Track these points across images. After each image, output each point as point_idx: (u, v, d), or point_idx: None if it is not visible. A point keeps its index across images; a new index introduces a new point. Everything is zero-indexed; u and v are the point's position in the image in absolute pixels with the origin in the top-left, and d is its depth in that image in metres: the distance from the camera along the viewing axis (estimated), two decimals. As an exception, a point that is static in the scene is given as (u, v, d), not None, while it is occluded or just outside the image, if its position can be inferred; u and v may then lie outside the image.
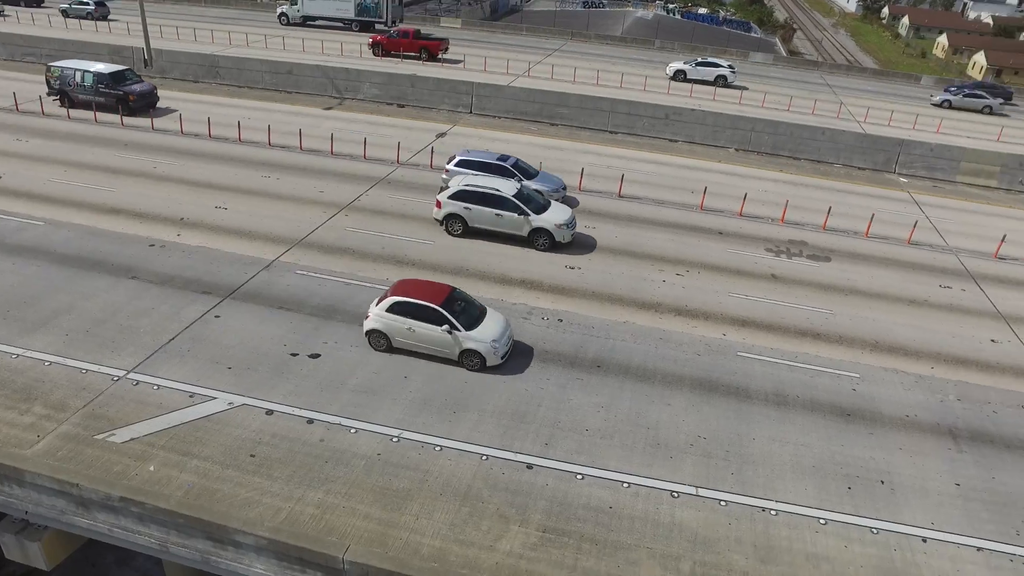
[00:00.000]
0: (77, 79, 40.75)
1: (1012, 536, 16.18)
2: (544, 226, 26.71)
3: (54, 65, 41.53)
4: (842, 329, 23.85)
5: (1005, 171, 42.32)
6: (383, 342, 20.02)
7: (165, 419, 17.00)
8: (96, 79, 40.54)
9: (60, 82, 41.05)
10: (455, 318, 19.43)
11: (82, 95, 41.00)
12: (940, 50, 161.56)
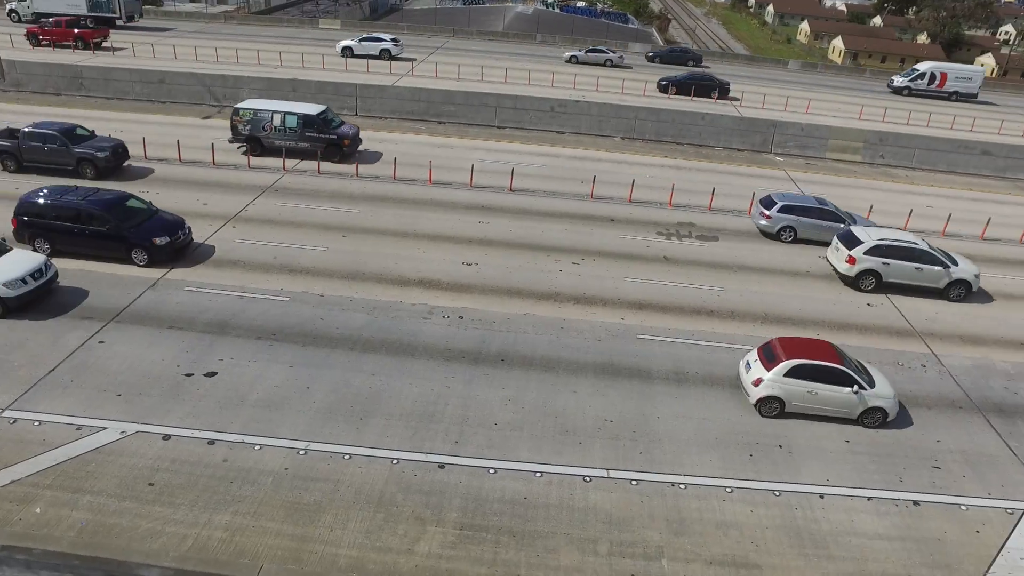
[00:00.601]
0: (275, 122, 35.73)
1: (896, 483, 17.33)
2: (964, 277, 26.76)
3: (243, 108, 36.24)
4: (733, 305, 24.87)
5: (867, 146, 45.22)
6: (776, 407, 19.05)
7: (50, 456, 15.93)
8: (302, 122, 35.66)
9: (252, 127, 35.99)
10: (858, 375, 18.97)
11: (280, 141, 35.97)
12: (803, 36, 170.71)
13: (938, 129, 55.08)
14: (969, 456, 18.68)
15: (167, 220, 25.17)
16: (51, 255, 24.13)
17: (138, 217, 24.71)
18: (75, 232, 24.25)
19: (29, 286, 21.23)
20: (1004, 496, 17.42)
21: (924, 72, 70.72)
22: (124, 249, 24.32)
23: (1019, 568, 15.38)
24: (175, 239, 24.61)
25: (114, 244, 24.31)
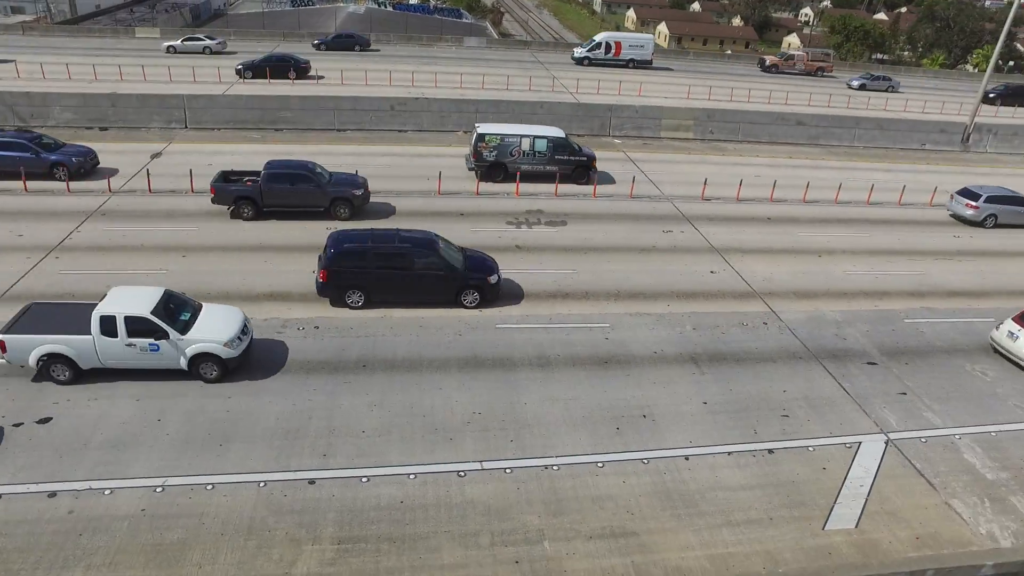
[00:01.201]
0: (524, 147, 35.03)
1: (751, 435, 18.46)
2: None
3: (490, 133, 34.99)
4: (587, 285, 25.59)
5: (697, 124, 47.83)
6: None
7: None
8: (552, 145, 35.33)
9: (497, 153, 34.84)
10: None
11: (528, 165, 35.23)
12: (631, 23, 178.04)
13: (758, 104, 59.03)
14: (811, 401, 20.18)
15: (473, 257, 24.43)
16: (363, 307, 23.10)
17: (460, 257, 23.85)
18: (403, 278, 22.78)
19: (243, 343, 19.32)
20: (843, 433, 18.96)
21: (600, 42, 73.76)
22: (455, 291, 23.17)
23: (860, 495, 16.80)
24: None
25: (447, 287, 23.02)
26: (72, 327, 18.44)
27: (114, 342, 18.33)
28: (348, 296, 22.83)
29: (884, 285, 28.09)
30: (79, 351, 18.33)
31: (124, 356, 18.54)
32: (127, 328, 18.24)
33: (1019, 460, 18.72)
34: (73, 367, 18.47)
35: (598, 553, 14.54)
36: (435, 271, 22.78)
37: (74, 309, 19.45)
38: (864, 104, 65.26)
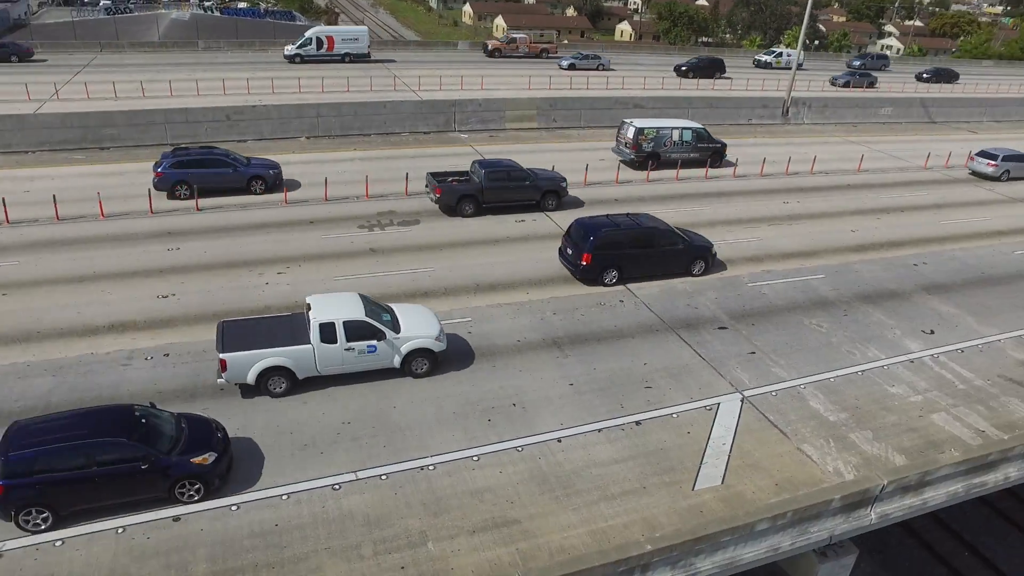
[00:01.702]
0: (674, 138, 40.81)
1: (619, 410, 19.13)
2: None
3: (648, 127, 40.50)
4: (445, 281, 25.58)
5: (540, 113, 48.85)
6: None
7: None
8: (695, 135, 41.53)
9: (654, 144, 40.34)
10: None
11: (676, 154, 40.87)
12: (468, 18, 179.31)
13: (597, 90, 61.00)
14: (671, 370, 21.15)
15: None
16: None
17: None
18: (649, 256, 26.50)
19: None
20: (702, 396, 20.02)
21: (311, 38, 70.03)
22: (688, 263, 27.28)
23: (723, 452, 17.81)
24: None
25: (682, 261, 27.04)
26: (283, 339, 18.75)
27: (333, 348, 18.84)
28: (605, 275, 25.99)
29: (727, 253, 29.81)
30: (298, 361, 18.66)
31: (344, 361, 19.12)
32: (346, 333, 18.70)
33: (854, 400, 20.47)
34: (291, 378, 18.70)
35: (483, 546, 14.61)
36: (674, 247, 26.62)
37: (266, 323, 19.85)
38: (678, 85, 68.93)
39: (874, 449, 18.43)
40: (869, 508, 16.84)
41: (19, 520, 14.33)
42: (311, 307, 19.32)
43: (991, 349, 24.18)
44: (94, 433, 14.79)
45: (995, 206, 40.49)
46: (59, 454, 14.37)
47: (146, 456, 14.80)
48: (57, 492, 14.29)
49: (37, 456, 14.27)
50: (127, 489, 14.87)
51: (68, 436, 14.60)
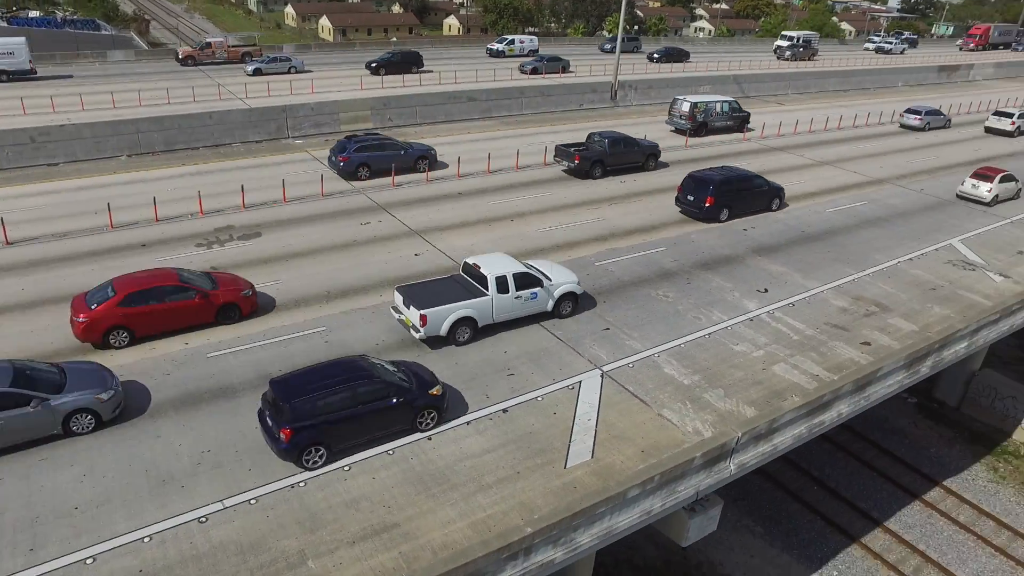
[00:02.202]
0: (717, 109, 50.69)
1: (485, 400, 19.34)
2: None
3: (700, 101, 50.24)
4: (295, 293, 24.79)
5: (375, 113, 48.23)
6: None
7: None
8: (730, 107, 51.44)
9: (705, 115, 50.17)
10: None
11: (719, 123, 51.02)
12: (291, 19, 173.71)
13: (430, 85, 60.96)
14: (531, 355, 21.60)
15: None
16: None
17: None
18: (747, 196, 34.85)
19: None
20: (564, 377, 20.59)
21: None
22: (768, 202, 35.28)
23: (590, 428, 18.42)
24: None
25: (767, 200, 35.40)
26: (463, 295, 22.10)
27: (507, 297, 22.47)
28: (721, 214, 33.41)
29: (573, 236, 30.78)
30: (480, 311, 22.01)
31: (512, 308, 22.76)
32: (516, 284, 22.36)
33: (704, 362, 21.75)
34: (473, 326, 21.84)
35: (365, 555, 14.35)
36: (762, 189, 32.43)
37: (434, 284, 23.01)
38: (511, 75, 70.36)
39: (727, 405, 19.68)
40: (728, 460, 17.98)
41: (303, 459, 16.45)
42: (480, 265, 22.67)
43: (816, 300, 26.41)
44: (351, 378, 17.10)
45: (805, 170, 44.14)
46: (332, 397, 16.62)
47: (399, 390, 17.36)
48: (332, 431, 16.64)
49: (315, 401, 16.50)
50: (383, 423, 17.36)
51: (331, 383, 16.89)
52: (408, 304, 21.58)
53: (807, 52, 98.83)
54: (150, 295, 21.12)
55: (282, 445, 16.23)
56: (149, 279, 21.59)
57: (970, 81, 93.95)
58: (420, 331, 21.08)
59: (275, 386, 17.03)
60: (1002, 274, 29.69)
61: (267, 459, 16.80)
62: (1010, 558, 26.56)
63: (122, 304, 20.74)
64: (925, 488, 29.73)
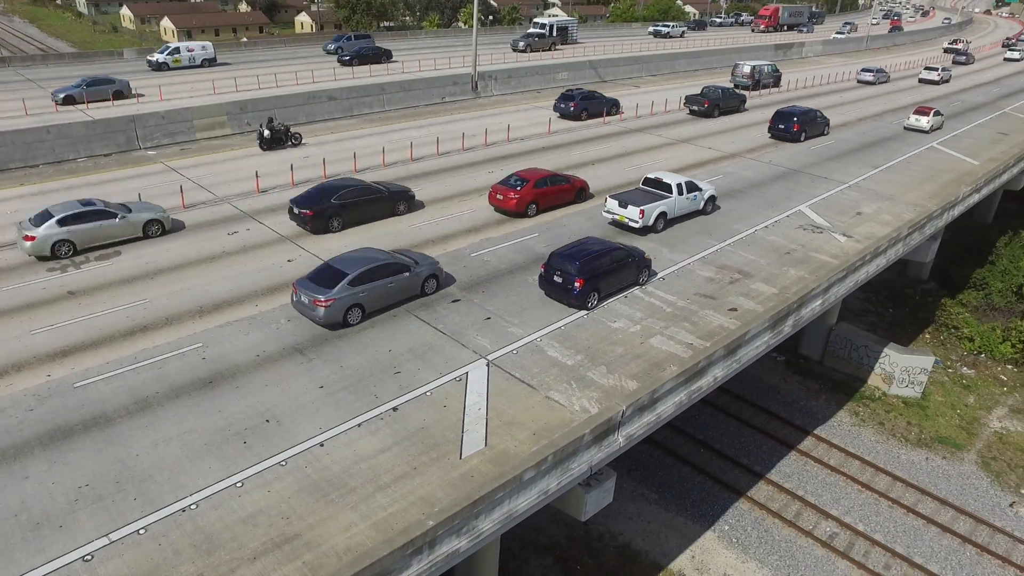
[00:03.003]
0: (766, 71, 70.22)
1: (374, 401, 19.29)
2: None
3: (755, 65, 69.57)
4: (165, 311, 23.72)
5: (232, 118, 46.41)
6: None
7: None
8: (773, 68, 71.44)
9: (759, 75, 69.32)
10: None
11: (768, 81, 70.55)
12: (128, 21, 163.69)
13: (287, 87, 59.27)
14: (416, 351, 21.67)
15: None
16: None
17: None
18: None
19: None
20: (451, 369, 20.81)
21: None
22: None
23: (481, 417, 18.74)
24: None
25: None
26: (658, 197, 31.81)
27: (683, 198, 32.39)
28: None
29: (447, 229, 30.95)
30: (670, 208, 31.88)
31: (684, 207, 32.76)
32: (687, 189, 32.58)
33: (585, 342, 22.54)
34: (665, 218, 31.88)
35: (267, 570, 14.08)
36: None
37: (635, 191, 32.64)
38: (384, 71, 69.64)
39: (610, 381, 20.50)
40: (616, 434, 18.76)
41: (587, 303, 24.36)
42: (662, 178, 32.64)
43: (685, 272, 27.83)
44: (605, 249, 25.24)
45: (665, 148, 46.19)
46: (600, 260, 24.67)
47: (633, 255, 25.96)
48: (602, 281, 24.77)
49: (593, 261, 24.46)
50: (625, 277, 25.68)
51: (596, 251, 24.93)
52: (624, 205, 30.77)
53: (548, 41, 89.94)
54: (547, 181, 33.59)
55: (575, 292, 23.82)
56: (539, 173, 33.81)
57: (803, 57, 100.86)
58: (638, 221, 30.45)
59: (561, 255, 24.50)
60: (845, 234, 32.27)
61: (153, 487, 16.11)
62: (873, 491, 29.13)
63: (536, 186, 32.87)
64: (799, 438, 32.06)
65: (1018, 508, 28.93)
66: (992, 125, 57.97)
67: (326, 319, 22.27)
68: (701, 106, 56.06)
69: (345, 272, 22.84)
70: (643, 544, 26.36)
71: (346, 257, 24.08)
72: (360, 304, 23.02)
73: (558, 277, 24.49)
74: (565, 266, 24.41)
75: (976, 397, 36.16)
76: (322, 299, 22.17)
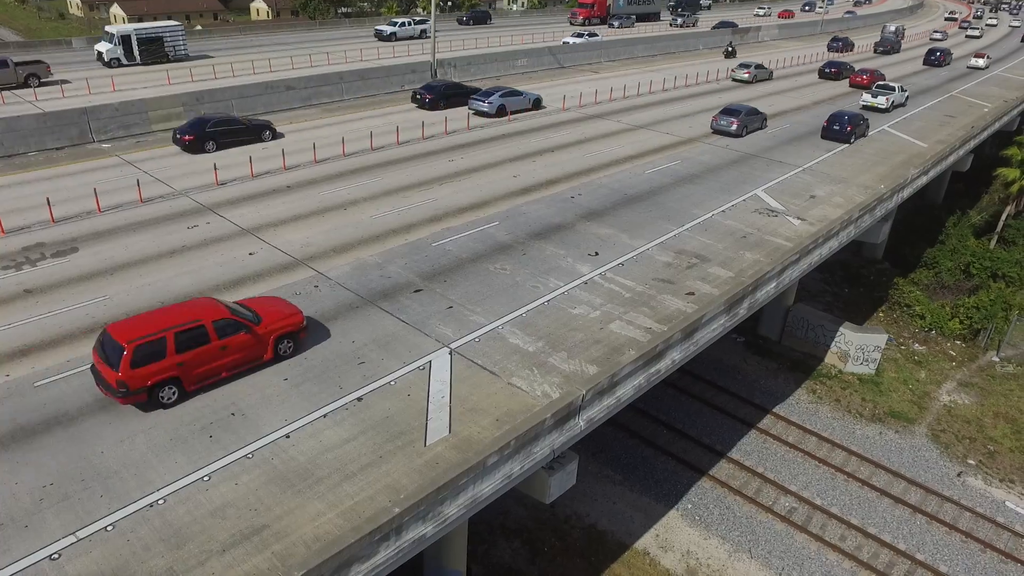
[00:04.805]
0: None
1: (338, 391, 19.49)
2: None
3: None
4: (126, 307, 23.56)
5: (188, 109, 45.79)
6: None
7: None
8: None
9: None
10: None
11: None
12: (76, 8, 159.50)
13: (243, 77, 58.58)
14: (379, 341, 21.89)
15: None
16: None
17: None
18: None
19: None
20: (414, 359, 21.07)
21: None
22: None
23: (444, 404, 19.07)
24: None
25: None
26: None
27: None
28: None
29: (408, 219, 31.10)
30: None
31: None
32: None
33: (546, 328, 22.96)
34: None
35: (237, 561, 14.28)
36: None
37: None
38: (343, 59, 69.07)
39: (570, 366, 20.95)
40: (577, 417, 19.23)
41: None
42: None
43: (643, 258, 28.37)
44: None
45: (623, 135, 46.70)
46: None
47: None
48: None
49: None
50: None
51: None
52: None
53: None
54: None
55: (845, 132, 42.49)
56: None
57: (760, 42, 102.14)
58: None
59: (834, 117, 39.21)
60: (799, 217, 33.11)
61: (119, 483, 16.18)
62: (830, 466, 30.15)
63: None
64: (759, 417, 32.97)
65: (965, 478, 30.16)
66: (940, 108, 59.52)
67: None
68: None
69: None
70: (608, 524, 26.99)
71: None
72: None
73: (836, 126, 47.02)
74: (841, 120, 47.29)
75: (927, 372, 37.44)
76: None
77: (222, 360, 19.32)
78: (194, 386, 19.01)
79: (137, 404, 18.49)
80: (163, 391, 18.48)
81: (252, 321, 19.95)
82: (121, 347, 17.88)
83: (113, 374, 17.81)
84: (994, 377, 37.39)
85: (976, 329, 40.50)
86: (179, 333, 18.62)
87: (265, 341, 20.11)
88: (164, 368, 18.25)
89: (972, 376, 37.41)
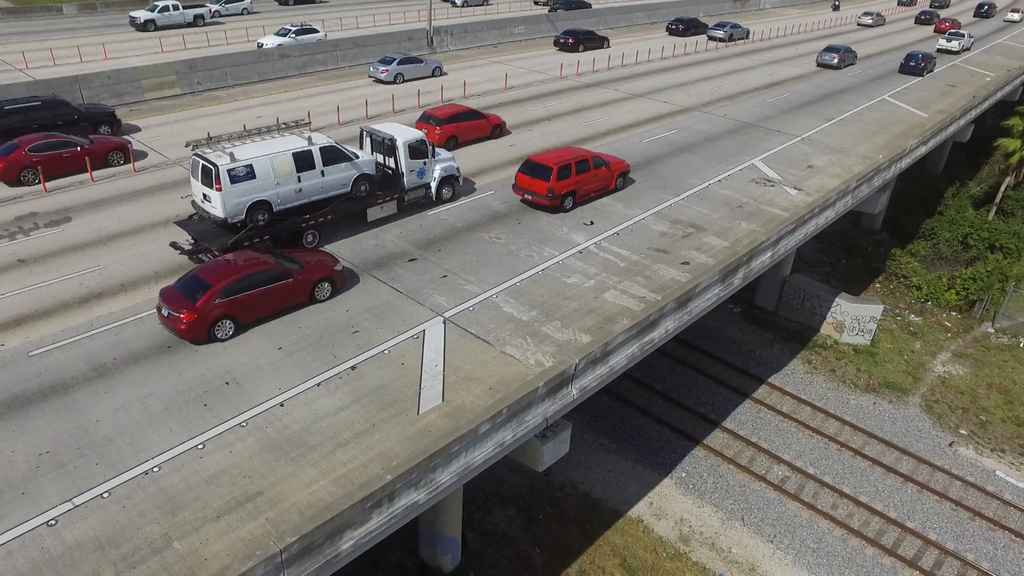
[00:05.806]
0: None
1: (332, 360, 19.58)
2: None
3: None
4: (120, 276, 23.59)
5: (181, 77, 45.45)
6: None
7: None
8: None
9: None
10: None
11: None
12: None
13: (237, 44, 57.98)
14: (373, 310, 21.93)
15: None
16: None
17: None
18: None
19: None
20: (408, 327, 21.13)
21: None
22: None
23: (438, 373, 19.15)
24: None
25: None
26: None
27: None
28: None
29: (404, 189, 30.92)
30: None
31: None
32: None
33: (540, 297, 22.98)
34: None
35: (231, 527, 14.44)
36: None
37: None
38: (339, 25, 68.34)
39: (564, 335, 21.00)
40: (570, 386, 19.33)
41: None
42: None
43: (638, 227, 28.31)
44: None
45: (621, 103, 46.37)
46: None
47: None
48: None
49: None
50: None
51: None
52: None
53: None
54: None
55: (921, 67, 51.79)
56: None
57: (761, 9, 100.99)
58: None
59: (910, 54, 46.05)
60: (796, 187, 32.98)
61: (114, 451, 16.29)
62: (823, 436, 30.35)
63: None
64: (753, 387, 33.12)
65: (956, 447, 30.40)
66: (942, 77, 59.05)
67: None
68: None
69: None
70: (603, 492, 27.25)
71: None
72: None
73: (912, 63, 57.58)
74: (916, 57, 57.43)
75: (922, 343, 37.56)
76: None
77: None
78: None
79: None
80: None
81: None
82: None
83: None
84: (988, 348, 37.53)
85: (972, 300, 40.57)
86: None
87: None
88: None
89: (967, 347, 37.55)
